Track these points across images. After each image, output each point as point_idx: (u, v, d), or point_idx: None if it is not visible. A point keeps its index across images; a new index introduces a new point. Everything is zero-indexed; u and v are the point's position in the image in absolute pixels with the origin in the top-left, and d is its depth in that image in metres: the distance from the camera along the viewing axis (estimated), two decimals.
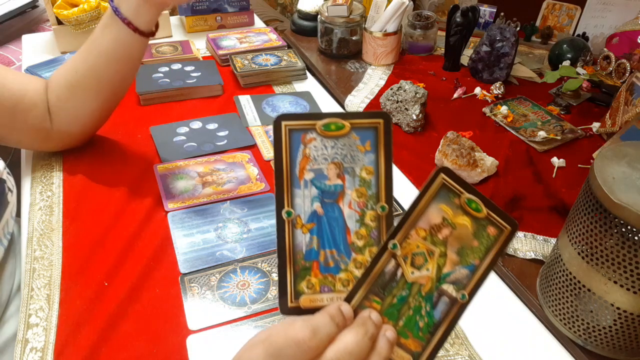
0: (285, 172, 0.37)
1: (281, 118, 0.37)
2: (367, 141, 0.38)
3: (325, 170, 0.38)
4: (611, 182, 0.50)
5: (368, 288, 0.37)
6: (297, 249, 0.38)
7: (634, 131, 0.81)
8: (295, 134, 0.38)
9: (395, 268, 0.37)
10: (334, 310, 0.36)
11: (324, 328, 0.35)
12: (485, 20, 1.33)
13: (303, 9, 1.34)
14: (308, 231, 0.38)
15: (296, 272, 0.38)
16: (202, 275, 0.64)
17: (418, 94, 0.94)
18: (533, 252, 0.70)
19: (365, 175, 0.38)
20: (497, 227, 0.37)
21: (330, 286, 0.38)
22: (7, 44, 1.37)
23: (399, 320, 0.37)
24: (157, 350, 0.56)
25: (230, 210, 0.75)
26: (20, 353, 0.55)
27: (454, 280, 0.37)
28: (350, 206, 0.38)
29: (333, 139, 0.38)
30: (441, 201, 0.37)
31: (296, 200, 0.37)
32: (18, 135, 0.77)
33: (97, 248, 0.67)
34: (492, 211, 0.37)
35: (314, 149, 0.38)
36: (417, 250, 0.37)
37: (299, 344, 0.34)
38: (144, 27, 0.71)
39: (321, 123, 0.38)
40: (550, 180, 0.85)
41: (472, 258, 0.37)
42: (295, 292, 0.38)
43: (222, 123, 0.93)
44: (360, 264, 0.38)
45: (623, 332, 0.54)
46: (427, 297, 0.37)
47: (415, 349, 0.37)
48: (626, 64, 1.04)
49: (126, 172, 0.80)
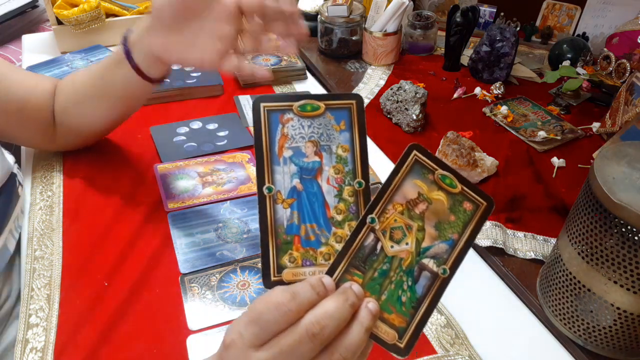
0: (265, 151, 0.39)
1: (260, 99, 0.40)
2: (341, 121, 0.40)
3: (303, 148, 0.40)
4: (611, 182, 0.50)
5: (349, 261, 0.38)
6: (279, 223, 0.39)
7: (634, 131, 0.81)
8: (273, 115, 0.40)
9: (375, 242, 0.38)
10: (315, 280, 0.36)
11: (304, 293, 0.35)
12: (485, 20, 1.33)
13: (303, 9, 1.34)
14: (289, 206, 0.39)
15: (278, 245, 0.39)
16: (202, 275, 0.64)
17: (418, 94, 0.94)
18: (533, 252, 0.70)
19: (342, 152, 0.40)
20: (473, 203, 0.38)
21: (312, 260, 0.39)
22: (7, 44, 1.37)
23: (382, 295, 0.38)
24: (157, 350, 0.56)
25: (230, 210, 0.75)
26: (20, 353, 0.55)
27: (434, 255, 0.38)
28: (329, 182, 0.40)
29: (309, 119, 0.40)
30: (415, 177, 0.38)
31: (276, 176, 0.39)
32: (25, 134, 0.77)
33: (97, 248, 0.67)
34: (467, 187, 0.38)
35: (292, 128, 0.40)
36: (395, 225, 0.38)
37: (278, 307, 0.34)
38: (154, 76, 0.67)
39: (297, 104, 0.40)
40: (550, 180, 0.85)
41: (450, 232, 0.38)
42: (278, 265, 0.39)
43: (222, 123, 0.93)
44: (340, 238, 0.39)
45: (623, 332, 0.54)
46: (408, 271, 0.38)
47: (400, 325, 0.38)
48: (626, 64, 1.03)
49: (126, 172, 0.80)
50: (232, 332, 0.36)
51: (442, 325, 0.61)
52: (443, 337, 0.59)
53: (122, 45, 0.65)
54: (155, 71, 0.66)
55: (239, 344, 0.35)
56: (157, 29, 0.62)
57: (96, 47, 1.12)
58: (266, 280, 0.39)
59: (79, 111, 0.74)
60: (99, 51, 1.10)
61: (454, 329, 0.60)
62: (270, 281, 0.39)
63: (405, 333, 0.38)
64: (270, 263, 0.39)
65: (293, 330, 0.34)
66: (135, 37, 0.64)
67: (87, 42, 1.14)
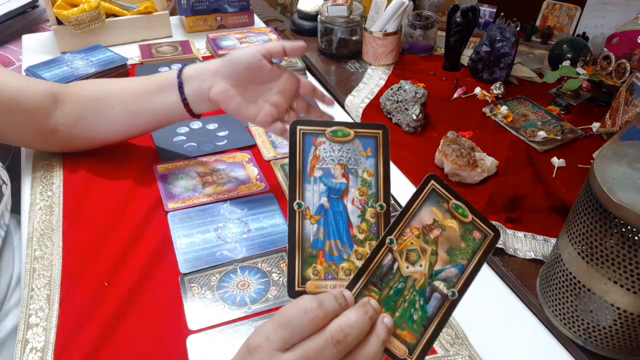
0: (298, 169, 0.43)
1: (296, 123, 0.44)
2: (368, 148, 0.44)
3: (332, 170, 0.43)
4: (611, 182, 0.50)
5: (367, 278, 0.41)
6: (306, 238, 0.42)
7: (634, 131, 0.81)
8: (307, 137, 0.43)
9: (392, 262, 0.41)
10: (338, 293, 0.39)
11: (329, 303, 0.38)
12: (485, 20, 1.33)
13: (303, 9, 1.34)
14: (316, 222, 0.42)
15: (304, 258, 0.42)
16: (202, 275, 0.64)
17: (418, 94, 0.94)
18: (533, 252, 0.70)
19: (367, 176, 0.43)
20: (481, 232, 0.41)
21: (334, 274, 0.42)
22: (7, 44, 1.37)
23: (395, 312, 0.40)
24: (157, 350, 0.56)
25: (230, 210, 0.75)
26: (20, 353, 0.55)
27: (445, 278, 0.41)
28: (354, 203, 0.43)
29: (340, 143, 0.44)
30: (432, 204, 0.42)
31: (306, 194, 0.43)
32: (17, 135, 0.77)
33: (97, 248, 0.67)
34: (477, 217, 0.41)
35: (323, 151, 0.43)
36: (412, 247, 0.41)
37: (307, 312, 0.37)
38: (198, 112, 0.73)
39: (330, 130, 0.44)
40: (550, 180, 0.85)
41: (461, 258, 0.41)
42: (302, 277, 0.41)
43: (222, 123, 0.93)
44: (361, 256, 0.42)
45: (623, 332, 0.54)
46: (421, 291, 0.41)
47: (411, 341, 0.40)
48: (626, 64, 1.04)
49: (126, 172, 0.80)
50: (258, 337, 0.38)
51: None
52: (443, 337, 0.59)
53: (176, 77, 0.70)
54: (202, 109, 0.72)
55: (265, 347, 0.37)
56: (225, 77, 0.69)
57: (96, 47, 1.12)
58: (291, 290, 0.41)
59: (102, 121, 0.75)
60: (99, 51, 1.10)
61: (454, 329, 0.60)
62: (294, 291, 0.41)
63: (415, 349, 0.40)
64: (295, 274, 0.41)
65: (319, 336, 0.37)
66: (192, 73, 0.70)
67: (87, 42, 1.14)
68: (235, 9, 1.31)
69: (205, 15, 1.29)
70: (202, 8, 1.28)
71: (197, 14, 1.28)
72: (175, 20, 1.36)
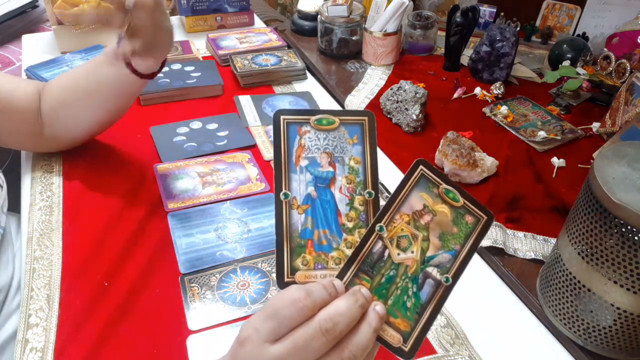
0: (283, 159, 0.42)
1: (280, 112, 0.43)
2: (354, 135, 0.43)
3: (318, 159, 0.43)
4: (611, 182, 0.50)
5: (358, 266, 0.40)
6: (293, 228, 0.41)
7: (634, 131, 0.81)
8: (292, 126, 0.43)
9: (382, 249, 0.40)
10: (327, 282, 0.38)
11: (318, 292, 0.37)
12: (485, 20, 1.33)
13: (303, 9, 1.34)
14: (303, 212, 0.42)
15: (292, 248, 0.41)
16: (202, 275, 0.64)
17: (418, 94, 0.94)
18: (533, 252, 0.70)
19: (354, 164, 0.43)
20: (474, 216, 0.41)
21: (324, 263, 0.41)
22: (7, 44, 1.37)
23: (388, 300, 0.40)
24: (157, 350, 0.56)
25: (230, 210, 0.75)
26: (20, 353, 0.55)
27: (438, 264, 0.40)
28: (341, 191, 0.42)
29: (325, 132, 0.43)
30: (421, 189, 0.41)
31: (293, 184, 0.42)
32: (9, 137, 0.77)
33: (97, 248, 0.67)
34: (469, 201, 0.41)
35: (308, 139, 0.43)
36: (402, 233, 0.40)
37: (294, 302, 0.36)
38: (144, 71, 0.72)
39: (314, 118, 0.43)
40: (550, 180, 0.85)
41: (453, 243, 0.40)
42: (291, 267, 0.41)
43: (222, 123, 0.93)
44: (350, 244, 0.41)
45: (623, 332, 0.54)
46: (413, 278, 0.40)
47: (405, 329, 0.39)
48: (626, 64, 1.03)
49: (126, 172, 0.80)
50: (248, 329, 0.37)
51: (442, 325, 0.61)
52: (443, 337, 0.59)
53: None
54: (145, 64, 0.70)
55: (255, 339, 0.37)
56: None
57: (96, 47, 1.12)
58: (280, 281, 0.41)
59: (67, 111, 0.75)
60: (98, 51, 1.10)
61: (454, 329, 0.60)
62: (283, 282, 0.41)
63: (409, 337, 0.39)
64: (284, 265, 0.41)
65: (307, 325, 0.36)
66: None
67: (87, 42, 1.14)
68: (235, 9, 1.31)
69: (205, 15, 1.29)
70: (202, 8, 1.28)
71: (197, 14, 1.28)
72: (175, 20, 1.35)
